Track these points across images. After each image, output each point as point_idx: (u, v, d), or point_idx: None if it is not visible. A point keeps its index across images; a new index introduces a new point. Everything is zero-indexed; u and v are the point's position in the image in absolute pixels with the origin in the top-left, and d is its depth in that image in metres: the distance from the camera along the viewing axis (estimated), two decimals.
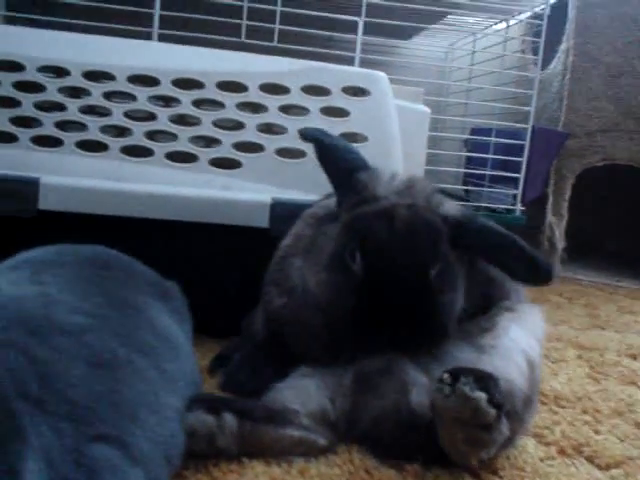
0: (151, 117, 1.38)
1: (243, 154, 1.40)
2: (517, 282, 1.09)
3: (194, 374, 1.03)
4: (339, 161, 1.13)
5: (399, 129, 1.46)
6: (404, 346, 0.99)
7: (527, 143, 2.25)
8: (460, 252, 1.06)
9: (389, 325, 0.97)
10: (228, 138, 1.40)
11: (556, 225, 2.44)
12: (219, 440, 0.91)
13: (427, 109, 1.65)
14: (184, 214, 1.29)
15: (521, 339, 1.01)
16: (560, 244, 2.47)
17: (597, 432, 1.16)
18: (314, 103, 1.44)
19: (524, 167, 2.28)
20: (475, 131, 2.56)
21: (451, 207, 1.11)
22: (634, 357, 1.64)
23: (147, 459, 0.78)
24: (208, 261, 1.34)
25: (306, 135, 1.18)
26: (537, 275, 1.03)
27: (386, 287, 0.98)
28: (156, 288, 1.09)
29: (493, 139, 2.32)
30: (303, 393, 1.00)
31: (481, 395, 0.84)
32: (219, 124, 1.40)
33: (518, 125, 2.31)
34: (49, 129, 1.35)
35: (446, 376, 0.87)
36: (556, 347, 1.66)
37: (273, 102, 1.43)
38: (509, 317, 1.05)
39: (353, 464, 0.97)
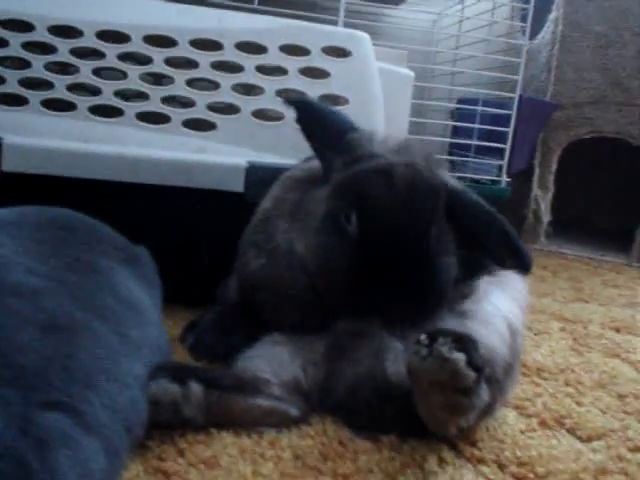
0: (121, 76, 1.32)
1: (218, 115, 1.34)
2: (493, 264, 1.05)
3: (161, 342, 0.98)
4: (328, 123, 1.08)
5: (381, 92, 1.41)
6: (400, 312, 0.94)
7: (514, 113, 2.20)
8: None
9: (385, 289, 0.92)
10: (202, 99, 1.33)
11: (542, 198, 2.41)
12: (184, 410, 0.87)
13: (411, 72, 1.59)
14: (156, 177, 1.24)
15: (503, 305, 0.97)
16: (545, 217, 2.44)
17: (579, 404, 1.13)
18: (293, 63, 1.38)
19: (510, 137, 2.23)
20: (462, 101, 2.50)
21: (447, 175, 1.08)
22: (617, 330, 1.61)
23: (104, 428, 0.73)
24: (181, 227, 1.29)
25: (290, 101, 1.11)
26: (517, 264, 1.02)
27: (384, 249, 0.93)
28: (123, 252, 1.03)
29: (480, 108, 2.26)
30: (275, 362, 0.96)
31: (459, 356, 0.79)
32: (193, 84, 1.34)
33: (505, 94, 2.26)
34: (13, 87, 1.28)
35: (423, 337, 0.82)
36: (539, 319, 1.63)
37: (250, 61, 1.36)
38: (490, 282, 1.01)
39: (326, 435, 0.93)
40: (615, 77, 2.39)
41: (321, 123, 1.08)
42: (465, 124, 2.33)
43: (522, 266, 1.02)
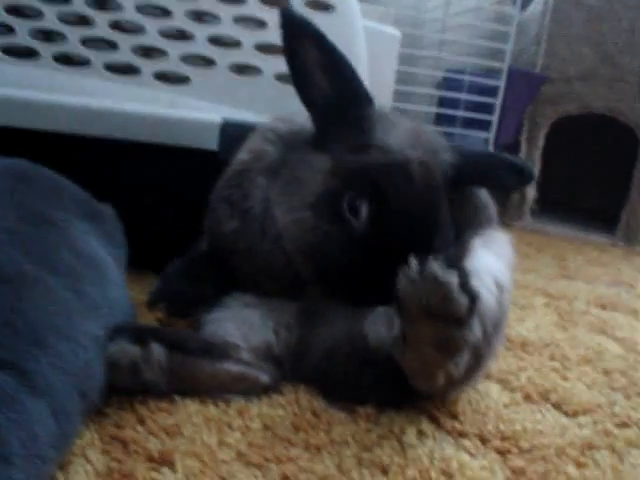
0: (88, 22, 1.23)
1: (192, 68, 1.26)
2: (505, 191, 1.09)
3: (123, 303, 0.91)
4: (347, 80, 0.95)
5: (366, 52, 1.34)
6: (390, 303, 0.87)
7: (502, 84, 2.14)
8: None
9: (379, 287, 0.86)
10: (175, 50, 1.26)
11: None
12: (145, 373, 0.80)
13: (398, 32, 1.52)
14: (124, 132, 1.16)
15: (490, 262, 0.91)
16: (531, 195, 2.39)
17: (565, 379, 1.09)
18: (273, 15, 1.30)
19: (498, 109, 2.17)
20: (449, 71, 2.43)
21: (450, 153, 1.02)
22: (603, 307, 1.58)
23: (53, 390, 0.66)
24: (149, 186, 1.21)
25: (292, 17, 0.93)
26: (522, 178, 1.05)
27: (394, 248, 0.87)
28: (84, 207, 0.96)
29: (467, 78, 2.20)
30: (245, 325, 0.90)
31: (453, 278, 0.73)
32: (166, 33, 1.26)
33: (494, 64, 2.20)
34: None
35: (413, 260, 0.76)
36: (523, 295, 1.58)
37: (227, 12, 1.28)
38: (479, 241, 0.95)
39: (299, 405, 0.87)
40: (607, 52, 2.33)
41: (332, 77, 0.94)
42: (452, 94, 2.26)
43: (527, 177, 1.05)
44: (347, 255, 0.89)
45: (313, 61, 0.93)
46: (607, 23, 2.31)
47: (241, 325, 0.90)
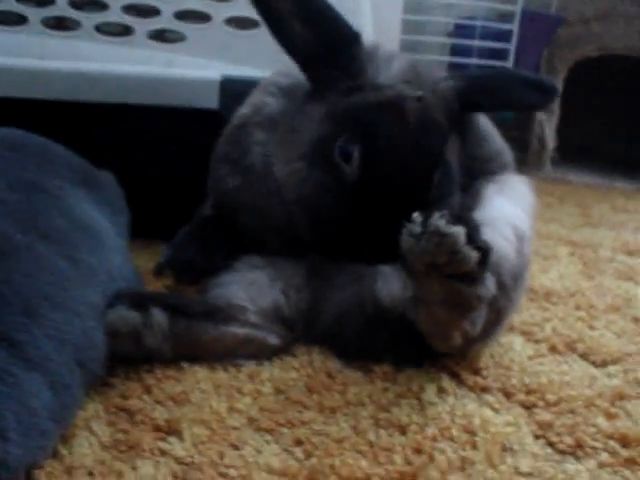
0: None
1: (187, 25, 1.21)
2: (528, 110, 1.04)
3: (126, 271, 0.88)
4: (326, 23, 0.90)
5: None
6: (390, 261, 0.83)
7: (515, 28, 2.05)
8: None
9: (378, 237, 0.82)
10: (168, 7, 1.20)
11: (546, 122, 2.28)
12: (147, 339, 0.77)
13: None
14: (120, 95, 1.12)
15: (507, 209, 0.87)
16: (551, 143, 2.32)
17: (592, 328, 1.05)
18: None
19: (512, 55, 2.09)
20: (461, 18, 2.34)
21: (452, 79, 0.97)
22: (630, 253, 1.51)
23: (48, 361, 0.64)
24: (150, 151, 1.17)
25: None
26: (543, 94, 1.00)
27: (386, 196, 0.83)
28: (79, 174, 0.93)
29: (479, 23, 2.11)
30: (253, 287, 0.87)
31: (458, 230, 0.68)
32: None
33: (506, 8, 2.10)
34: None
35: (416, 215, 0.71)
36: (546, 245, 1.53)
37: None
38: (493, 188, 0.91)
39: (313, 367, 0.84)
40: None
41: (315, 23, 0.89)
42: (464, 41, 2.17)
43: (549, 92, 1.01)
44: (340, 205, 0.84)
45: (286, 10, 0.89)
46: None
47: (248, 287, 0.86)
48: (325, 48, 0.89)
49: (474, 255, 0.69)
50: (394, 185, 0.83)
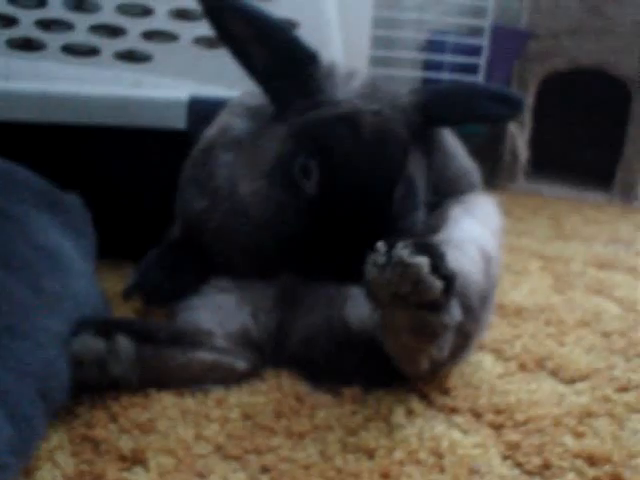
0: (42, 3, 1.17)
1: (154, 45, 1.20)
2: (494, 123, 1.03)
3: (91, 295, 0.87)
4: (284, 45, 0.90)
5: (337, 14, 1.27)
6: (355, 278, 0.82)
7: (486, 43, 2.07)
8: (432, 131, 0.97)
9: (341, 254, 0.82)
10: (135, 26, 1.20)
11: (518, 135, 2.30)
12: (112, 367, 0.76)
13: None
14: (86, 116, 1.11)
15: (474, 230, 0.87)
16: (523, 155, 2.34)
17: (561, 344, 1.05)
18: None
19: (483, 69, 2.10)
20: (432, 33, 2.36)
21: (414, 94, 0.97)
22: (600, 267, 1.53)
23: (7, 395, 0.62)
24: (117, 172, 1.16)
25: (214, 6, 0.89)
26: (509, 107, 0.98)
27: (345, 211, 0.83)
28: (43, 198, 0.91)
29: (451, 38, 2.13)
30: (220, 311, 0.86)
31: (422, 260, 0.68)
32: (124, 10, 1.19)
33: (476, 23, 2.12)
34: None
35: (380, 245, 0.71)
36: (518, 259, 1.54)
37: None
38: (459, 209, 0.91)
39: (281, 391, 0.84)
40: (593, 3, 2.25)
41: (269, 44, 0.90)
42: (435, 56, 2.19)
43: (515, 104, 0.99)
44: (301, 221, 0.84)
45: (244, 34, 0.90)
46: None
47: (216, 311, 0.86)
48: (283, 69, 0.90)
49: (438, 284, 0.69)
50: (353, 198, 0.83)
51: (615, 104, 2.38)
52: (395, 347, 0.77)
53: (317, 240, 0.84)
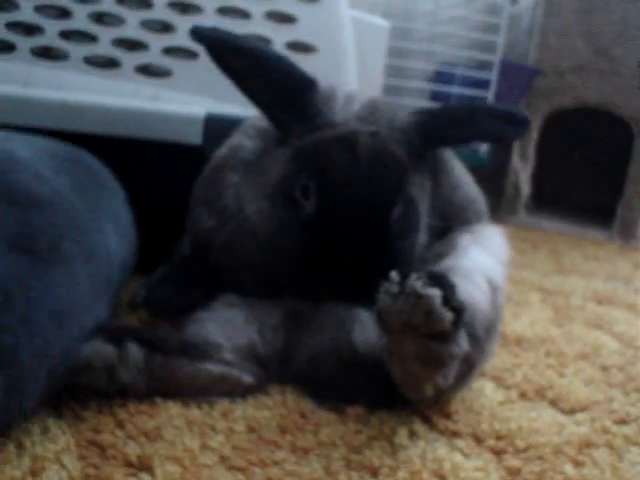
0: (67, 14, 1.20)
1: (174, 61, 1.23)
2: (499, 142, 1.04)
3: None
4: (282, 75, 0.94)
5: (354, 43, 1.30)
6: (355, 297, 0.86)
7: (494, 77, 2.11)
8: (434, 151, 0.98)
9: (339, 273, 0.84)
10: (157, 42, 1.22)
11: (522, 170, 2.33)
12: (121, 374, 0.77)
13: (386, 23, 1.49)
14: (104, 127, 1.12)
15: (482, 260, 0.88)
16: (525, 190, 2.36)
17: (561, 375, 1.06)
18: (257, 6, 1.27)
19: (490, 102, 2.14)
20: (441, 65, 2.40)
21: (414, 115, 0.97)
22: (600, 302, 1.55)
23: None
24: (133, 184, 1.17)
25: (206, 37, 0.95)
26: (515, 125, 0.99)
27: (343, 230, 0.84)
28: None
29: (459, 70, 2.17)
30: (229, 325, 0.87)
31: (435, 292, 0.70)
32: (146, 25, 1.22)
33: (486, 57, 2.16)
34: None
35: (394, 274, 0.72)
36: (519, 290, 1.56)
37: (209, 3, 1.25)
38: (468, 238, 0.92)
39: (286, 406, 0.84)
40: (599, 44, 2.30)
41: (271, 75, 0.94)
42: (443, 87, 2.23)
43: (520, 124, 0.99)
44: (301, 240, 0.86)
45: (245, 68, 0.94)
46: (599, 15, 2.28)
47: (224, 324, 0.87)
48: (282, 98, 0.94)
49: (449, 316, 0.71)
50: (349, 218, 0.85)
51: (618, 143, 2.42)
52: (401, 374, 0.78)
53: (317, 259, 0.85)
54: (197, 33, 0.95)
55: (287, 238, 0.88)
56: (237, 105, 1.20)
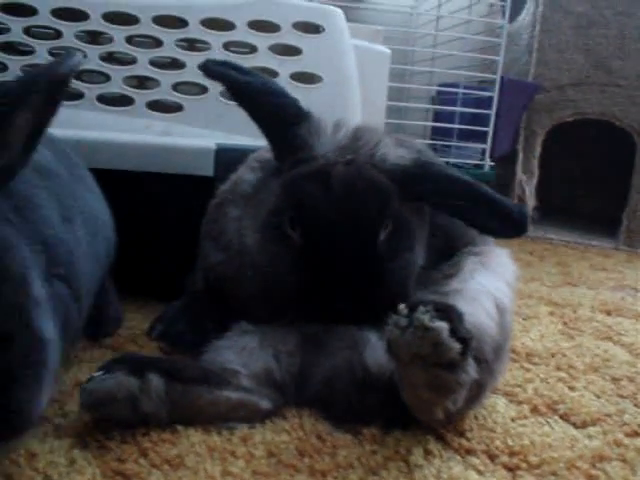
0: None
1: (184, 96, 1.27)
2: (486, 235, 0.98)
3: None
4: (273, 109, 0.98)
5: (357, 71, 1.34)
6: (351, 318, 0.89)
7: (496, 95, 2.14)
8: (415, 203, 0.95)
9: (334, 297, 0.87)
10: (167, 78, 1.26)
11: (526, 183, 2.36)
12: (144, 405, 0.79)
13: (387, 50, 1.52)
14: (119, 162, 1.16)
15: (489, 282, 0.90)
16: (531, 203, 2.38)
17: (572, 389, 1.08)
18: (262, 40, 1.31)
19: (493, 120, 2.17)
20: (443, 85, 2.44)
21: (402, 155, 0.97)
22: (608, 313, 1.56)
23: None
24: (148, 215, 1.21)
25: (215, 73, 0.99)
26: (510, 227, 0.92)
27: (327, 257, 0.88)
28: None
29: (461, 91, 2.20)
30: (244, 352, 0.89)
31: (442, 325, 0.72)
32: (157, 63, 1.26)
33: (486, 76, 2.20)
34: None
35: (402, 307, 0.75)
36: (527, 304, 1.57)
37: (216, 38, 1.29)
38: (475, 261, 0.94)
39: (303, 430, 0.86)
40: (598, 58, 2.33)
41: (263, 108, 0.99)
42: (446, 107, 2.27)
43: (516, 227, 0.92)
44: (293, 271, 0.89)
45: (246, 99, 0.99)
46: (596, 29, 2.31)
47: (240, 351, 0.89)
48: (275, 131, 0.98)
49: (456, 347, 0.73)
50: (332, 247, 0.88)
51: (620, 154, 2.44)
52: (412, 399, 0.80)
53: (311, 287, 0.88)
54: (207, 70, 0.99)
55: (281, 269, 0.91)
56: (246, 136, 1.24)
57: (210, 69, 0.99)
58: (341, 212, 0.88)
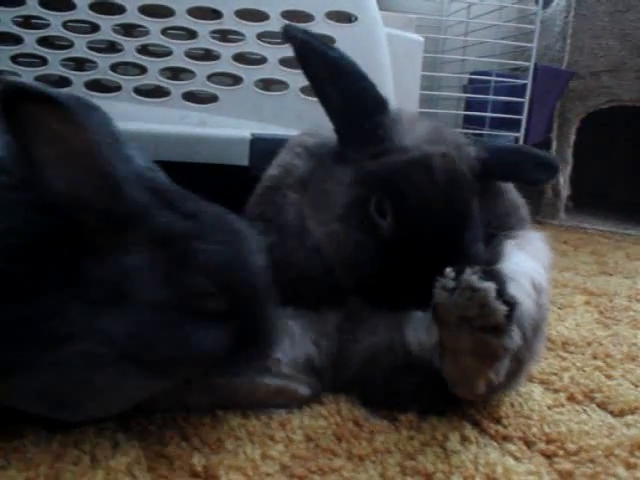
0: (116, 48, 1.26)
1: (219, 87, 1.28)
2: (533, 185, 1.11)
3: None
4: (357, 93, 0.94)
5: (390, 60, 1.34)
6: (423, 307, 0.86)
7: (529, 82, 2.12)
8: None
9: (415, 287, 0.85)
10: (202, 70, 1.28)
11: (560, 172, 2.32)
12: (185, 396, 0.81)
13: (420, 38, 1.52)
14: (156, 153, 1.17)
15: (526, 264, 0.90)
16: (565, 192, 2.36)
17: (609, 377, 1.07)
18: None
19: (526, 108, 2.15)
20: (475, 73, 2.42)
21: (478, 149, 1.00)
22: None
23: None
24: None
25: (295, 37, 0.92)
26: (548, 172, 1.04)
27: (423, 247, 0.87)
28: None
29: (493, 79, 2.18)
30: (286, 339, 0.90)
31: (490, 285, 0.72)
32: (192, 54, 1.28)
33: (520, 63, 2.17)
34: (5, 63, 1.23)
35: (449, 270, 0.75)
36: (562, 293, 1.56)
37: (251, 29, 1.30)
38: (512, 244, 0.94)
39: (340, 415, 0.88)
40: (633, 43, 2.28)
41: (341, 91, 0.94)
42: (479, 96, 2.25)
43: (553, 171, 1.05)
44: (379, 260, 0.88)
45: (321, 74, 0.94)
46: (632, 14, 2.26)
47: (282, 339, 0.90)
48: (354, 114, 0.94)
49: (503, 309, 0.73)
50: (431, 238, 0.87)
51: None
52: (454, 370, 0.80)
53: (393, 275, 0.88)
54: (288, 33, 0.93)
55: (366, 257, 0.89)
56: (279, 126, 1.26)
57: (292, 33, 0.93)
58: (444, 203, 0.88)
